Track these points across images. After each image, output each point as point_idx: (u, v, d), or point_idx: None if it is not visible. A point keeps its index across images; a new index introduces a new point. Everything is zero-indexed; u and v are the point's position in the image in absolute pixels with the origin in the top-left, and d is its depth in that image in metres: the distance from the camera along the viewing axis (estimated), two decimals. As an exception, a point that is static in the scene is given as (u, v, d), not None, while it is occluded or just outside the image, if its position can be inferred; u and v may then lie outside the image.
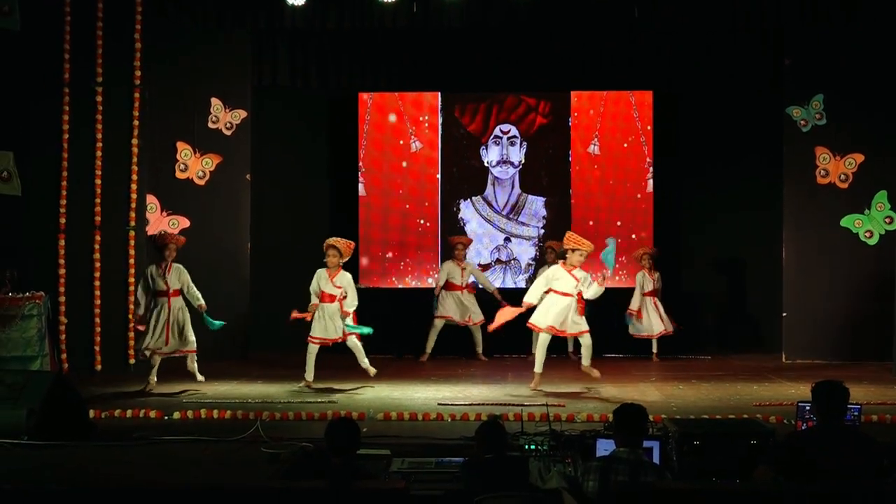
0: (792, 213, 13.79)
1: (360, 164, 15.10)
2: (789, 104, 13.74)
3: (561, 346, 14.19)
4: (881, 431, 8.24)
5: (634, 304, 13.73)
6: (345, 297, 11.34)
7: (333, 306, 11.28)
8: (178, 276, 11.28)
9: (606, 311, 13.93)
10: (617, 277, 14.84)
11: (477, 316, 13.64)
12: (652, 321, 13.68)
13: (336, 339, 11.30)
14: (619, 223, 14.94)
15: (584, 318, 11.01)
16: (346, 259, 11.44)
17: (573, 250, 11.02)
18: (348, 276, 11.47)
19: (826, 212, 13.59)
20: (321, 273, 11.37)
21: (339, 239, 11.50)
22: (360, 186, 15.10)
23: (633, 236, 14.89)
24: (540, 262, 14.96)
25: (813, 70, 13.65)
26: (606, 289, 11.10)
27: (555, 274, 11.12)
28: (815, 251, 13.66)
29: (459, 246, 13.88)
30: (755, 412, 9.42)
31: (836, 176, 13.60)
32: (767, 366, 13.01)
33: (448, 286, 13.68)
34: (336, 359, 11.73)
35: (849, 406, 6.29)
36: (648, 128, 14.87)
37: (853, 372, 11.99)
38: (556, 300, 11.01)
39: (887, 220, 13.33)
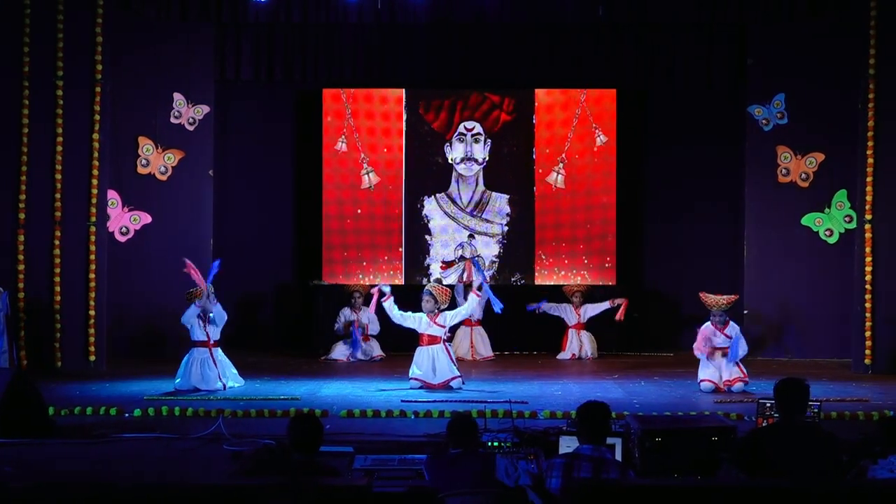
0: (753, 211, 13.91)
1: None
2: (751, 103, 13.86)
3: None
4: (841, 428, 8.32)
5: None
6: (451, 337, 11.71)
7: (437, 348, 11.04)
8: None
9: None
10: (580, 271, 14.91)
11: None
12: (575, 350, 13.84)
13: (435, 386, 10.86)
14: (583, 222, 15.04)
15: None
16: (443, 306, 11.22)
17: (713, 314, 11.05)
18: (447, 313, 11.19)
19: (787, 210, 13.73)
20: (422, 317, 11.10)
21: (435, 286, 11.56)
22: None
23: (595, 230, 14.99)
24: (504, 259, 14.99)
25: (775, 70, 13.77)
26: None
27: (713, 333, 11.09)
28: (776, 249, 13.79)
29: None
30: (716, 409, 9.49)
31: (796, 175, 13.72)
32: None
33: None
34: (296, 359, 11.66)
35: (809, 403, 6.36)
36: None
37: (813, 369, 12.14)
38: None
39: (847, 219, 13.46)
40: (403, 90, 15.08)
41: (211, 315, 11.07)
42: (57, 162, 12.11)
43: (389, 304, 11.13)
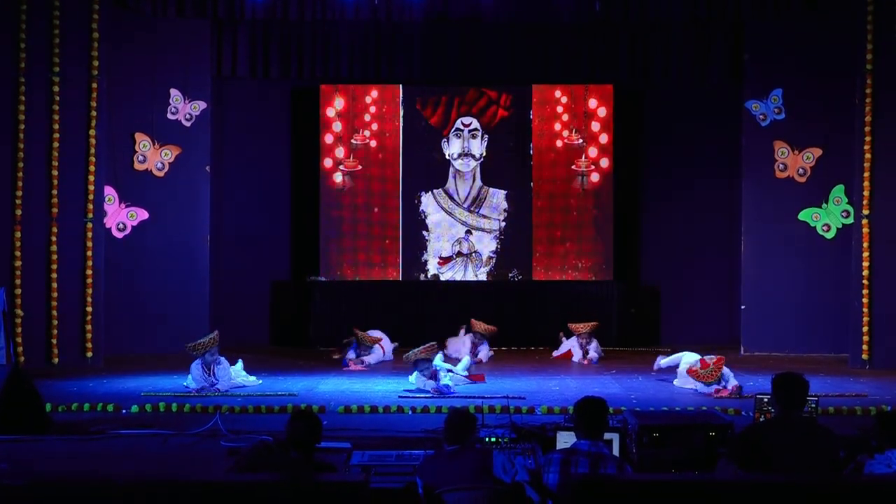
0: (751, 206, 13.90)
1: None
2: (748, 99, 13.85)
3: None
4: (837, 423, 8.31)
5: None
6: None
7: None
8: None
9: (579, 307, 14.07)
10: (578, 267, 14.91)
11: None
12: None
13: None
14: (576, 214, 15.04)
15: None
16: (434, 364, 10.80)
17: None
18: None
19: (784, 205, 13.72)
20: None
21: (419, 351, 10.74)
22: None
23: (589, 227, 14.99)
24: (502, 254, 14.98)
25: (772, 65, 13.77)
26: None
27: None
28: (773, 244, 13.78)
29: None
30: (714, 404, 9.49)
31: (794, 170, 13.72)
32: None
33: None
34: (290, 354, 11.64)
35: (807, 398, 6.36)
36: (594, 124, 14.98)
37: (810, 364, 12.13)
38: None
39: (844, 214, 13.47)
40: (400, 86, 15.07)
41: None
42: (53, 158, 12.11)
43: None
